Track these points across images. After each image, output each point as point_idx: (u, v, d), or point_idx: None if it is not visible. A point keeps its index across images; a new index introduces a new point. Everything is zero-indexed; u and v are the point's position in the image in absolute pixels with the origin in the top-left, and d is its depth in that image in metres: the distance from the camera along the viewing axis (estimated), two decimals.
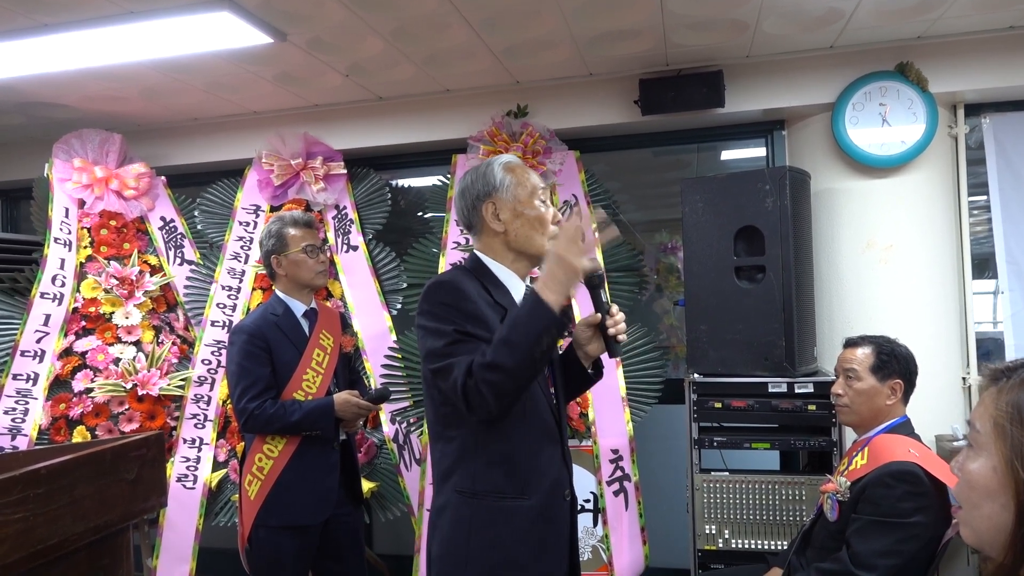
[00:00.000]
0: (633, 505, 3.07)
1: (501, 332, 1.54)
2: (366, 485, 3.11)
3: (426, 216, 3.73)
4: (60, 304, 3.35)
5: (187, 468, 3.29)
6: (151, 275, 3.47)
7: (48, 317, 3.32)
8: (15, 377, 3.24)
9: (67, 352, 3.30)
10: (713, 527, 2.70)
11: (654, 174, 4.30)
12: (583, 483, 3.08)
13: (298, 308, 2.63)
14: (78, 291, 3.38)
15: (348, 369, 2.87)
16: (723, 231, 2.76)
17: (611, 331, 1.70)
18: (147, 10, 2.44)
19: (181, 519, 3.26)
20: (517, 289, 1.76)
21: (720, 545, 2.68)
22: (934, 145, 2.99)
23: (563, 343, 1.98)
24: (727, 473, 2.72)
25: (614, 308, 1.71)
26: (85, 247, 3.44)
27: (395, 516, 3.29)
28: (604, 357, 1.81)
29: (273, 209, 3.48)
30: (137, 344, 3.35)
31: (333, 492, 2.54)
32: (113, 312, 3.36)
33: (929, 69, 2.96)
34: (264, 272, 2.91)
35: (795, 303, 2.66)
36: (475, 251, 1.80)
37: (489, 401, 1.51)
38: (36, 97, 3.32)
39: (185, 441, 3.31)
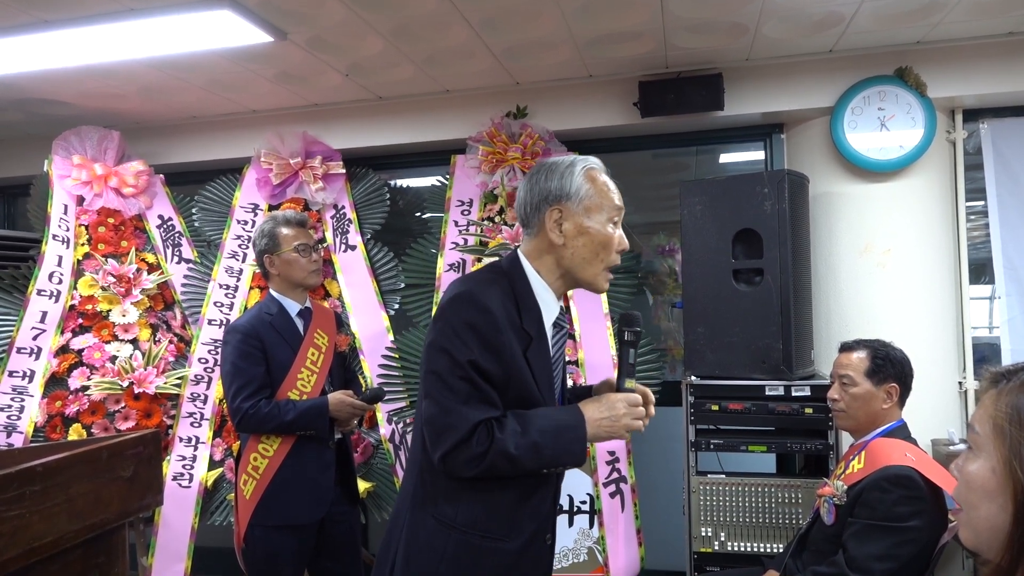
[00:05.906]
0: (629, 507, 3.07)
1: (536, 435, 1.46)
2: (362, 485, 3.10)
3: (425, 216, 3.73)
4: (57, 301, 3.34)
5: (183, 467, 3.29)
6: (148, 273, 3.47)
7: (45, 314, 3.31)
8: (11, 374, 3.23)
9: (63, 349, 3.29)
10: (709, 529, 2.70)
11: (653, 176, 4.30)
12: (579, 485, 3.08)
13: (292, 307, 2.63)
14: (75, 288, 3.37)
15: (343, 368, 2.87)
16: (721, 234, 2.76)
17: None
18: (147, 8, 2.43)
19: (177, 517, 3.25)
20: (550, 311, 1.58)
21: (716, 548, 2.68)
22: (932, 150, 3.00)
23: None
24: (723, 476, 2.72)
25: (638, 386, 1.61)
26: (83, 244, 3.43)
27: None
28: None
29: (271, 208, 3.47)
30: (134, 342, 3.35)
31: (329, 491, 2.54)
32: (110, 310, 3.35)
33: (928, 74, 2.97)
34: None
35: (793, 306, 2.66)
36: (520, 251, 1.60)
37: (478, 473, 1.46)
38: (35, 94, 3.31)
39: (181, 440, 3.31)
